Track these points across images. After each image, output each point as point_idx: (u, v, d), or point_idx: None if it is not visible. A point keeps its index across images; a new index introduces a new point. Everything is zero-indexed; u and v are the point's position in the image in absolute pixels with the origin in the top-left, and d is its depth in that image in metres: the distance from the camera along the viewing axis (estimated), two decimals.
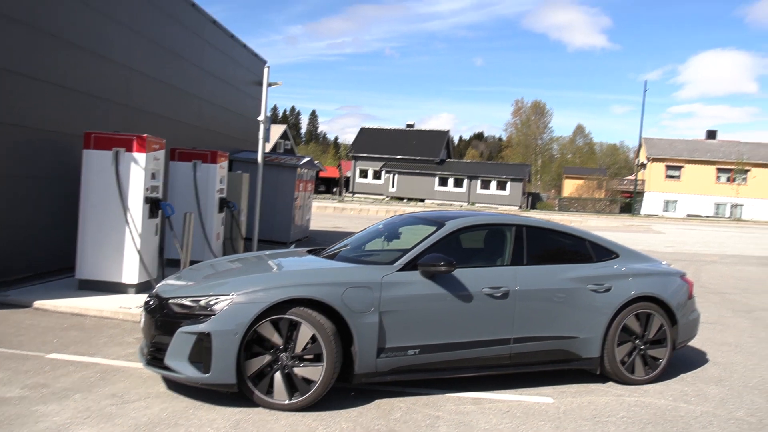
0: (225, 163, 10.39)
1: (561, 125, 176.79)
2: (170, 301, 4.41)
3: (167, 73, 11.53)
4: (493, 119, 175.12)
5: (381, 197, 56.90)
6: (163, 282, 5.01)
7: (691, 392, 5.23)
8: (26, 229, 8.03)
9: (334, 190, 65.12)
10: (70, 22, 8.57)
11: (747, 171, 50.13)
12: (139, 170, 7.46)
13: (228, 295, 4.26)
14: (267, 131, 11.87)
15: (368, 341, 4.43)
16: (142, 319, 4.69)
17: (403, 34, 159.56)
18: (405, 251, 4.86)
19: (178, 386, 4.54)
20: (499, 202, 53.83)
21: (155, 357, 4.37)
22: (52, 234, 8.44)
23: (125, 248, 7.50)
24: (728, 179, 51.20)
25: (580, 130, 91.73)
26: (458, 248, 5.18)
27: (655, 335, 5.42)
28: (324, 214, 30.45)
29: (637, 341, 5.35)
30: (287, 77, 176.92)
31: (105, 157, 7.43)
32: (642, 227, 32.06)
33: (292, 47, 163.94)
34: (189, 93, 12.61)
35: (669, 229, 30.85)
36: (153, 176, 7.74)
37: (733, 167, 50.24)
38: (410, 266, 4.71)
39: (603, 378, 5.39)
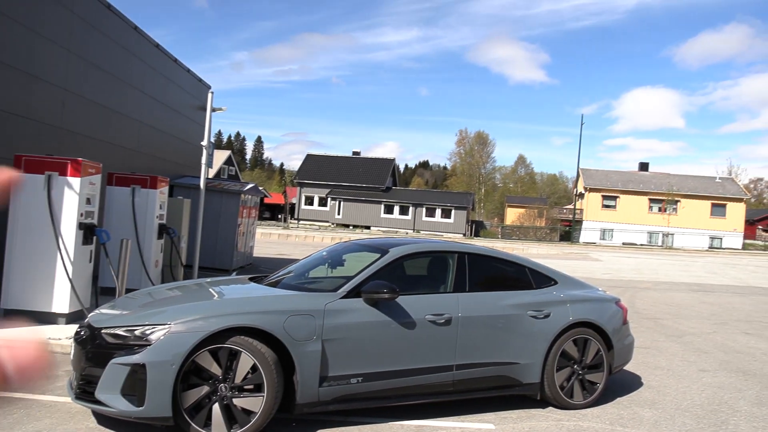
0: (165, 189, 10.14)
1: (504, 155, 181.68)
2: (103, 331, 4.23)
3: (106, 96, 11.23)
4: (438, 148, 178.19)
5: (327, 224, 56.68)
6: (96, 311, 4.81)
7: (626, 415, 5.37)
8: None
9: (280, 216, 64.45)
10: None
11: (677, 201, 52.64)
12: (73, 195, 7.19)
13: (165, 324, 4.12)
14: (210, 157, 11.72)
15: (311, 370, 4.36)
16: (72, 351, 4.47)
17: (349, 63, 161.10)
18: (348, 278, 4.85)
19: (109, 421, 4.33)
20: (443, 230, 54.52)
21: (85, 390, 4.17)
22: None
23: (56, 276, 7.18)
24: (660, 209, 53.60)
25: (521, 160, 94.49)
26: (402, 275, 5.20)
27: (592, 360, 5.56)
28: (269, 240, 30.03)
29: (575, 366, 5.47)
30: (232, 102, 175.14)
31: (36, 181, 7.12)
32: (580, 255, 33.05)
33: (238, 73, 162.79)
34: (129, 117, 12.31)
35: (605, 257, 31.93)
36: (88, 201, 7.47)
37: (664, 198, 52.66)
38: (354, 293, 4.69)
39: (543, 403, 5.48)
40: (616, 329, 5.77)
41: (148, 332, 4.09)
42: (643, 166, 59.90)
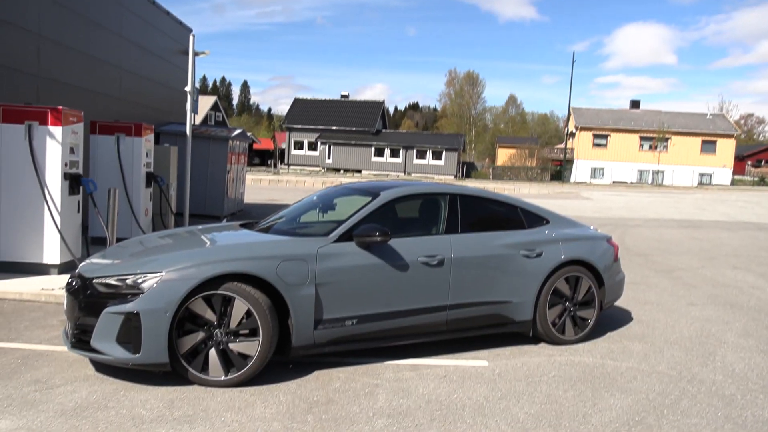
0: (151, 136, 9.95)
1: (494, 95, 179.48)
2: (95, 280, 4.21)
3: (83, 42, 10.86)
4: (427, 89, 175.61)
5: (317, 169, 56.36)
6: (87, 261, 4.77)
7: (617, 349, 5.48)
8: None
9: (270, 162, 63.94)
10: None
11: (667, 139, 52.52)
12: (55, 145, 7.03)
13: (157, 272, 4.10)
14: (195, 102, 11.43)
15: (305, 314, 4.38)
16: (65, 301, 4.46)
17: (334, 3, 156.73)
18: (340, 222, 4.81)
19: (107, 368, 4.37)
20: (435, 172, 54.38)
21: (81, 339, 4.17)
22: None
23: (45, 227, 7.11)
24: (650, 147, 53.53)
25: (512, 100, 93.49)
26: (394, 218, 5.16)
27: (583, 297, 5.62)
28: (259, 186, 29.88)
29: (567, 303, 5.54)
30: (216, 46, 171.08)
31: (17, 131, 6.96)
32: (571, 194, 33.19)
33: (220, 16, 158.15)
34: (108, 63, 11.95)
35: (596, 196, 32.08)
36: (72, 150, 7.32)
37: (654, 135, 52.52)
38: (346, 237, 4.67)
39: (536, 340, 5.57)
40: (607, 266, 5.81)
41: (140, 281, 4.07)
42: (634, 104, 59.44)
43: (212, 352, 4.15)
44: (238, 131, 15.97)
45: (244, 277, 4.21)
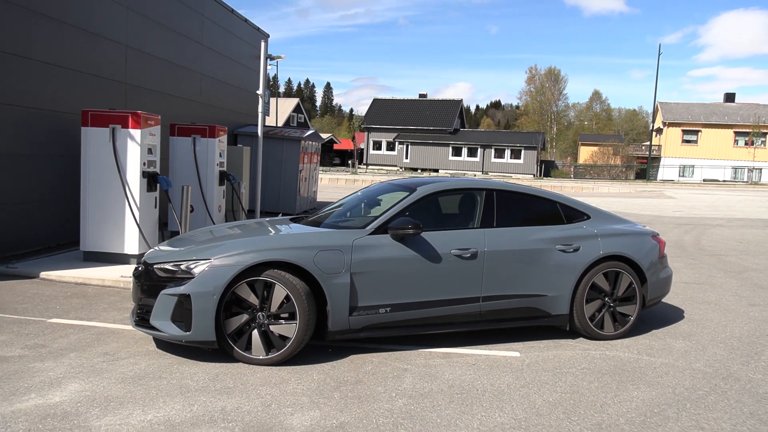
0: (224, 137, 10.65)
1: (578, 91, 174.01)
2: (155, 266, 4.73)
3: (165, 50, 11.75)
4: (509, 87, 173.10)
5: (395, 168, 56.97)
6: (153, 248, 5.33)
7: (657, 346, 5.46)
8: (32, 205, 8.41)
9: (349, 162, 65.24)
10: (63, 0, 8.81)
11: (765, 134, 49.21)
12: (135, 146, 7.75)
13: (207, 259, 4.56)
14: (267, 105, 12.08)
15: (341, 300, 4.71)
16: (132, 285, 5.02)
17: (415, 3, 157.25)
18: (377, 216, 5.11)
19: (166, 345, 4.88)
20: (513, 171, 53.64)
21: (143, 318, 4.71)
22: (57, 209, 8.82)
23: (126, 221, 7.85)
24: (746, 143, 50.33)
25: (596, 95, 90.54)
26: (431, 213, 5.40)
27: (624, 293, 5.62)
28: (336, 186, 30.70)
29: (606, 299, 5.56)
30: (300, 50, 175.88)
31: (102, 134, 7.73)
32: (654, 193, 31.85)
33: (304, 20, 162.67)
34: (189, 69, 12.84)
35: (681, 194, 30.64)
36: (150, 151, 8.03)
37: (750, 130, 49.32)
38: (381, 230, 4.96)
39: (574, 334, 5.63)
40: (651, 262, 5.77)
41: (192, 266, 4.54)
42: (729, 97, 56.02)
43: (255, 332, 4.56)
44: (310, 132, 16.61)
45: (284, 265, 4.59)
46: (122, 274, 7.30)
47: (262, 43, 11.81)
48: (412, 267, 4.95)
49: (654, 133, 54.51)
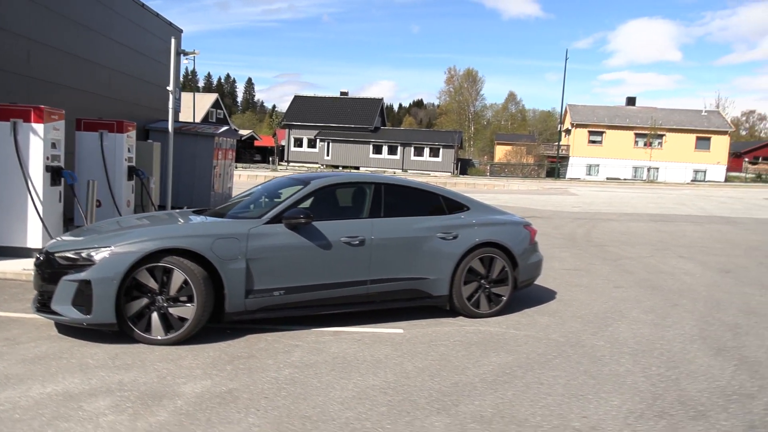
0: (133, 133, 10.70)
1: (495, 92, 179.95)
2: (56, 254, 4.97)
3: (72, 44, 11.62)
4: (432, 86, 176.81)
5: (316, 166, 57.14)
6: (54, 239, 5.53)
7: (524, 321, 6.20)
8: None
9: (270, 159, 64.78)
10: None
11: (662, 136, 53.05)
12: (38, 140, 7.79)
13: (108, 247, 4.85)
14: (177, 101, 12.20)
15: (237, 284, 5.12)
16: (33, 274, 5.22)
17: (339, 0, 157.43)
18: (273, 207, 5.55)
19: (68, 330, 5.13)
20: (432, 169, 55.08)
21: (44, 304, 4.94)
22: None
23: (28, 215, 7.87)
24: (645, 144, 54.06)
25: (512, 97, 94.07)
26: (324, 204, 5.90)
27: (498, 275, 6.33)
28: (255, 182, 30.67)
29: (482, 281, 6.25)
30: (221, 44, 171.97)
31: (3, 128, 7.72)
32: (560, 190, 33.82)
33: (225, 12, 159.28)
34: (98, 64, 12.71)
35: (583, 192, 32.72)
36: (53, 145, 8.08)
37: (648, 132, 53.04)
38: (276, 220, 5.41)
39: (454, 313, 6.29)
40: (522, 249, 6.52)
41: (93, 254, 4.82)
42: (630, 101, 59.95)
43: (154, 315, 4.90)
44: (224, 128, 16.70)
45: (183, 252, 4.95)
46: (24, 267, 7.35)
47: (173, 40, 11.92)
48: (305, 253, 5.43)
49: (564, 134, 57.49)
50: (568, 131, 57.23)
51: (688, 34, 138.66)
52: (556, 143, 56.81)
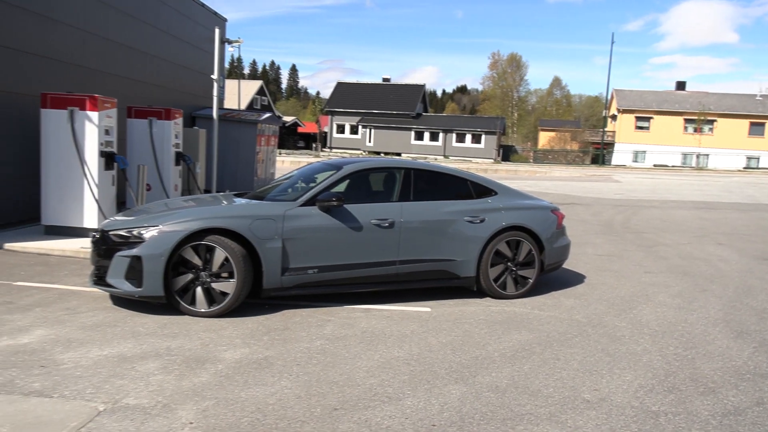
0: (180, 120, 11.22)
1: (541, 77, 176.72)
2: (110, 232, 5.42)
3: (124, 35, 12.20)
4: (476, 72, 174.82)
5: (358, 152, 57.59)
6: (110, 219, 6.01)
7: (550, 303, 6.40)
8: None
9: (314, 145, 65.57)
10: None
11: (713, 121, 51.40)
12: (93, 127, 8.33)
13: (156, 226, 5.28)
14: (222, 89, 12.70)
15: (273, 262, 5.48)
16: (90, 250, 5.70)
17: None
18: (308, 190, 5.89)
19: (121, 302, 5.60)
20: (473, 155, 54.82)
21: (100, 277, 5.41)
22: (19, 187, 9.34)
23: (84, 197, 8.44)
24: (695, 130, 52.48)
25: (557, 82, 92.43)
26: (356, 188, 6.21)
27: (524, 258, 6.53)
28: (298, 168, 31.26)
29: (508, 263, 6.46)
30: (265, 31, 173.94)
31: (61, 115, 8.28)
32: (603, 177, 33.32)
33: (269, 0, 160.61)
34: (147, 53, 13.30)
35: (627, 179, 32.16)
36: (107, 132, 8.61)
37: (697, 118, 51.47)
38: (310, 202, 5.75)
39: (482, 294, 6.52)
40: (549, 233, 6.68)
41: (143, 232, 5.26)
42: (680, 86, 58.16)
43: (198, 289, 5.31)
44: (267, 115, 17.17)
45: (224, 231, 5.34)
46: (82, 246, 7.92)
47: (217, 29, 12.39)
48: (337, 234, 5.76)
49: (609, 120, 56.31)
50: (614, 117, 56.02)
51: (746, 14, 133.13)
52: (602, 129, 55.70)
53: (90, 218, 8.49)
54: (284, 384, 3.93)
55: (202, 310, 5.30)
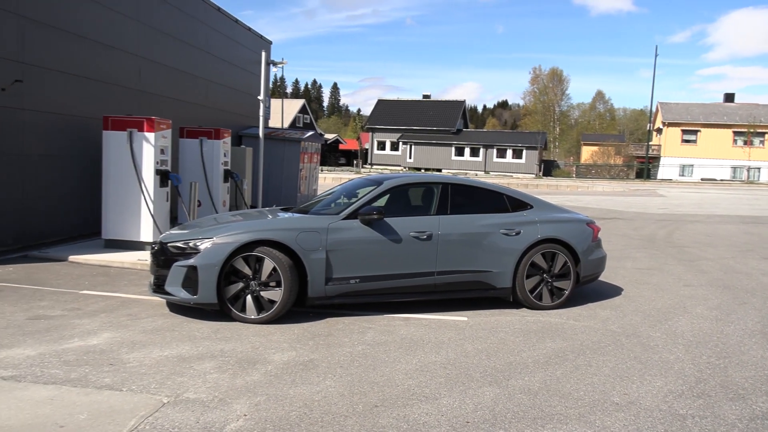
0: (228, 139, 11.79)
1: (583, 91, 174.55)
2: (168, 244, 5.86)
3: (175, 59, 12.92)
4: (517, 87, 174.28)
5: (399, 168, 58.07)
6: (167, 232, 6.47)
7: (585, 314, 6.54)
8: (60, 199, 9.59)
9: (355, 162, 66.41)
10: (85, 19, 9.99)
11: (764, 134, 49.93)
12: (149, 147, 8.90)
13: (211, 238, 5.69)
14: (267, 109, 13.26)
15: (318, 272, 5.82)
16: (149, 261, 6.16)
17: (422, 3, 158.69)
18: (350, 204, 6.23)
19: (178, 309, 6.02)
20: (514, 170, 54.64)
21: (158, 286, 5.85)
22: (81, 203, 10.00)
23: (141, 212, 9.00)
24: (744, 142, 51.06)
25: (600, 96, 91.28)
26: (396, 202, 6.52)
27: (560, 270, 6.70)
28: (340, 184, 31.84)
29: (544, 275, 6.64)
30: (307, 50, 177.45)
31: (121, 136, 8.88)
32: (647, 191, 32.79)
33: (311, 20, 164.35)
34: (197, 76, 14.00)
35: (672, 193, 31.58)
36: (162, 151, 9.18)
37: (746, 130, 50.09)
38: (352, 216, 6.08)
39: (518, 305, 6.71)
40: (584, 245, 6.84)
41: (198, 244, 5.67)
42: (729, 97, 56.76)
43: (248, 297, 5.68)
44: (310, 133, 17.72)
45: (272, 243, 5.71)
46: (139, 258, 8.44)
47: (263, 53, 12.99)
48: (377, 246, 6.07)
49: (654, 133, 55.32)
50: (659, 130, 55.00)
51: None
52: (650, 143, 54.74)
53: (146, 232, 9.03)
54: (328, 383, 4.23)
55: (252, 317, 5.67)
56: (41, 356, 4.54)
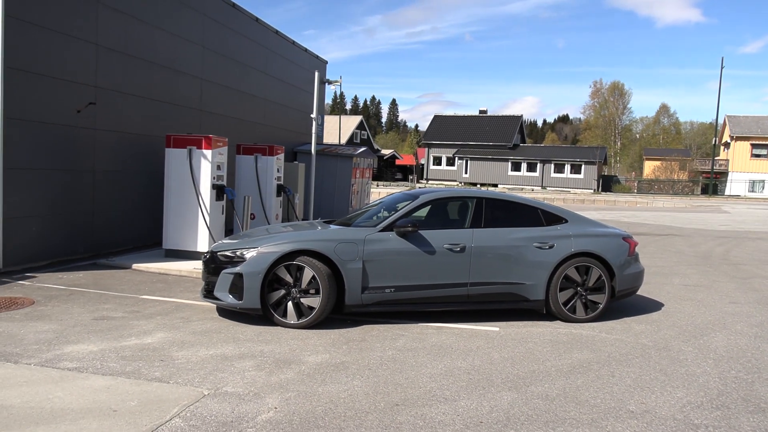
0: (281, 155, 12.36)
1: (647, 105, 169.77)
2: (218, 253, 6.35)
3: (235, 80, 13.67)
4: (578, 101, 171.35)
5: (454, 183, 58.09)
6: (218, 242, 6.97)
7: (619, 327, 6.59)
8: (125, 212, 10.35)
9: (410, 177, 66.84)
10: (154, 45, 10.79)
11: None
12: (207, 163, 9.53)
13: (255, 248, 6.13)
14: (321, 126, 13.80)
15: (355, 281, 6.16)
16: (201, 268, 6.66)
17: (480, 18, 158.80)
18: (387, 218, 6.56)
19: (225, 313, 6.48)
20: (572, 186, 53.69)
21: (209, 291, 6.33)
22: (144, 215, 10.74)
23: (198, 224, 9.61)
24: None
25: (664, 109, 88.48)
26: (432, 216, 6.80)
27: (594, 284, 6.79)
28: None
29: (578, 288, 6.75)
30: (367, 67, 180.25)
31: (181, 154, 9.55)
32: (710, 207, 31.66)
33: (371, 38, 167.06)
34: (255, 96, 14.73)
35: (737, 209, 30.36)
36: (218, 167, 9.79)
37: None
38: (389, 228, 6.40)
39: (552, 317, 6.83)
40: (620, 259, 6.90)
41: (245, 253, 6.12)
42: None
43: (289, 303, 6.08)
44: (362, 149, 18.22)
45: (312, 253, 6.10)
46: (195, 267, 9.02)
47: (316, 73, 13.55)
48: (412, 257, 6.36)
49: (722, 147, 53.27)
50: (726, 144, 52.93)
51: None
52: (717, 157, 52.77)
53: (202, 243, 9.63)
54: (356, 383, 4.54)
55: (292, 322, 6.05)
56: (102, 351, 5.06)
